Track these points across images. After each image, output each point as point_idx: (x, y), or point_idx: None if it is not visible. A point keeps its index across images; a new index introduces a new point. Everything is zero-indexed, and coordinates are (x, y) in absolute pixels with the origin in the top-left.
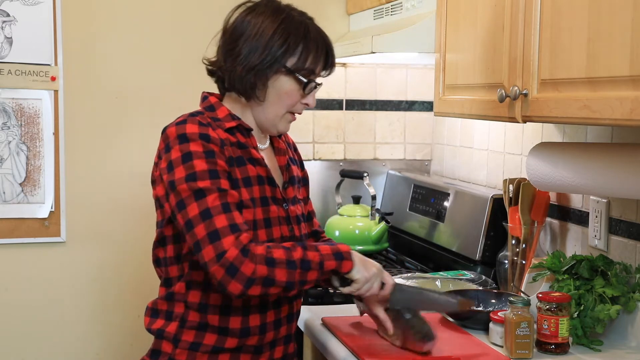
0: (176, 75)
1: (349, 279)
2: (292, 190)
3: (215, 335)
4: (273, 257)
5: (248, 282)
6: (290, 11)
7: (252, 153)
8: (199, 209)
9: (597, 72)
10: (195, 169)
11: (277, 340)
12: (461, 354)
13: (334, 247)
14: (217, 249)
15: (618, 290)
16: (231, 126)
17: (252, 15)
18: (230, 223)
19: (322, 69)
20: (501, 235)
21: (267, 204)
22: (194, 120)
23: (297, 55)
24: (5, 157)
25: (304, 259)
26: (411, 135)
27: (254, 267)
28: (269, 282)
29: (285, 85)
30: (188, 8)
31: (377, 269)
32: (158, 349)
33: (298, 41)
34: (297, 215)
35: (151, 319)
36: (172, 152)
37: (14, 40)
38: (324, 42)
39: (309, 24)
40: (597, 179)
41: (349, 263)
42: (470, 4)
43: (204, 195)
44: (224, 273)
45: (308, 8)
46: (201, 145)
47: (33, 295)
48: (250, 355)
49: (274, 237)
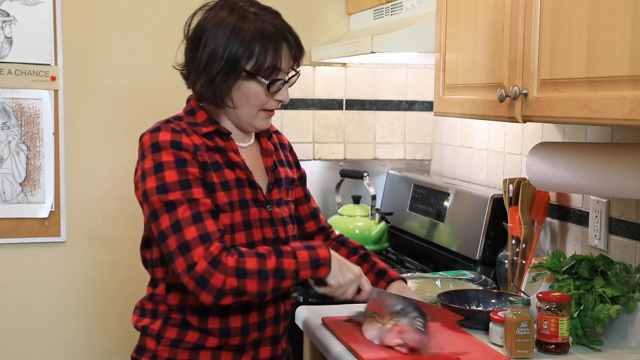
0: (176, 75)
1: (324, 282)
2: (278, 192)
3: (197, 333)
4: (245, 267)
5: (218, 293)
6: (247, 8)
7: (230, 157)
8: (169, 220)
9: (597, 72)
10: (165, 180)
11: (262, 340)
12: (461, 354)
13: (313, 254)
14: (188, 261)
15: (618, 290)
16: (209, 131)
17: (208, 19)
18: (200, 234)
19: (289, 63)
20: (501, 235)
21: (247, 207)
22: (167, 128)
23: (255, 56)
24: (5, 157)
25: (278, 268)
26: (411, 135)
27: (223, 279)
28: (240, 292)
29: (250, 88)
30: (188, 8)
31: (353, 275)
32: (143, 346)
33: (254, 42)
34: (283, 217)
35: (139, 317)
36: (145, 161)
37: (14, 40)
38: (282, 35)
39: (265, 20)
40: (597, 179)
41: (325, 269)
42: (470, 4)
43: (175, 208)
44: (195, 285)
45: (308, 8)
46: (172, 155)
47: (33, 295)
48: (232, 353)
49: (255, 240)
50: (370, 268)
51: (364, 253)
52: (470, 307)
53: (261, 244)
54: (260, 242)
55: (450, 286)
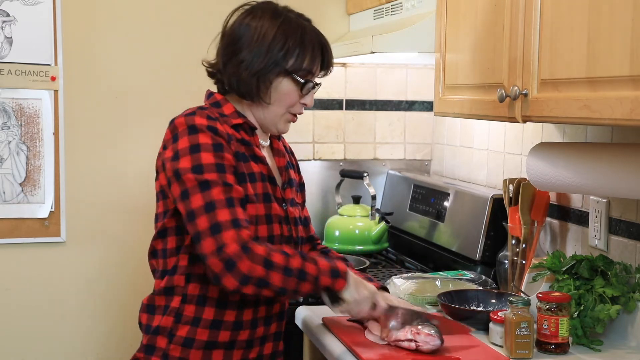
0: (176, 75)
1: (340, 298)
2: (290, 192)
3: (208, 330)
4: (272, 260)
5: (243, 279)
6: (288, 13)
7: (255, 151)
8: (203, 200)
9: (597, 72)
10: (202, 161)
11: (267, 337)
12: (461, 354)
13: (332, 264)
14: (218, 242)
15: (618, 290)
16: (237, 123)
17: (251, 19)
18: (232, 218)
19: (320, 70)
20: (501, 235)
21: (270, 201)
22: (202, 114)
23: (295, 56)
24: (5, 157)
25: (302, 269)
26: (411, 135)
27: (251, 265)
28: (264, 283)
29: (285, 87)
30: (188, 8)
31: (369, 292)
32: (152, 345)
33: (296, 43)
34: (295, 217)
35: (149, 315)
36: (179, 141)
37: (14, 40)
38: (320, 43)
39: (306, 26)
40: (597, 179)
41: (342, 282)
42: (470, 4)
43: (209, 188)
44: (222, 267)
45: (308, 8)
46: (210, 138)
47: (33, 295)
48: (242, 350)
49: (274, 234)
50: None
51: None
52: (470, 307)
53: (279, 239)
54: (279, 237)
55: (450, 286)
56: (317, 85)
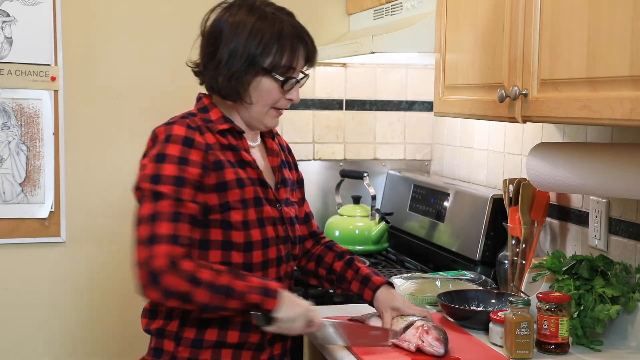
0: (176, 75)
1: (271, 318)
2: (285, 191)
3: (217, 330)
4: (198, 276)
5: (166, 293)
6: (265, 8)
7: (243, 155)
8: (151, 210)
9: (597, 72)
10: (162, 172)
11: (276, 337)
12: (461, 354)
13: (264, 283)
14: (149, 253)
15: (618, 290)
16: (224, 128)
17: (227, 17)
18: (172, 233)
19: (303, 64)
20: (501, 235)
21: (261, 204)
22: (182, 122)
23: (273, 53)
24: (5, 157)
25: (229, 286)
26: (411, 135)
27: (176, 281)
28: (187, 299)
29: (265, 85)
30: (188, 8)
31: (302, 309)
32: (160, 348)
33: (272, 40)
34: (291, 217)
35: (149, 320)
36: (152, 150)
37: (14, 40)
38: (298, 36)
39: (283, 20)
40: (597, 179)
41: (274, 301)
42: (470, 4)
43: (160, 199)
44: (147, 278)
45: (308, 8)
46: (179, 150)
47: (33, 295)
48: (252, 352)
49: (268, 237)
50: (355, 275)
51: (349, 259)
52: (470, 307)
53: (274, 241)
54: (274, 239)
55: (450, 286)
56: (301, 80)
